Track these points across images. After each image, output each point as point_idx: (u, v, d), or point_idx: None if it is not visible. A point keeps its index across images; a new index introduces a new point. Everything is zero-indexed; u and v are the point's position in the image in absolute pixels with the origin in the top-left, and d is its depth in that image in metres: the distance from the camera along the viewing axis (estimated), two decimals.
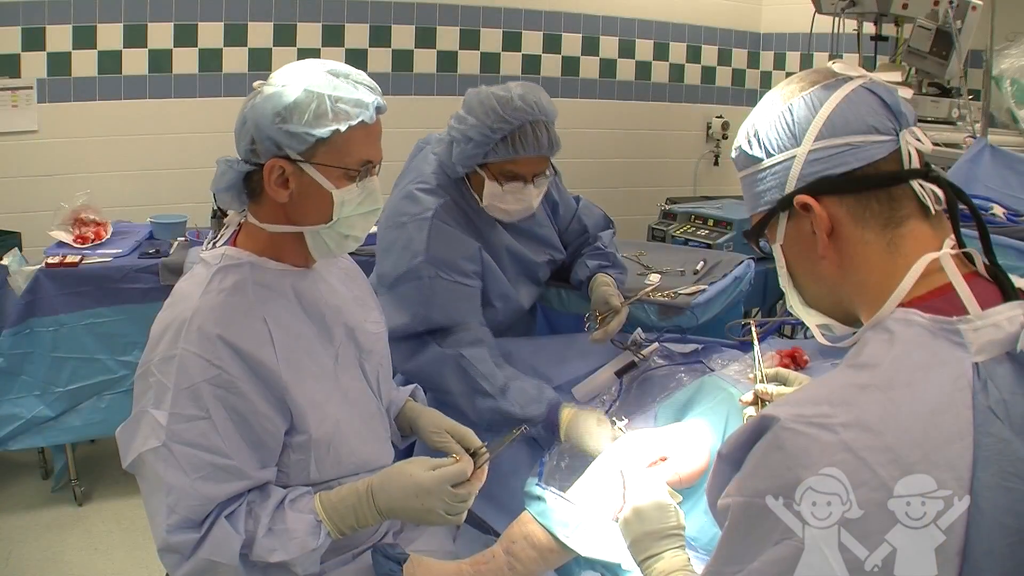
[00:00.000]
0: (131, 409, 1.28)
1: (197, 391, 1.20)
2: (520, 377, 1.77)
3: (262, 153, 1.26)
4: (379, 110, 1.29)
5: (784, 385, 1.37)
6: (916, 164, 0.89)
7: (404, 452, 1.66)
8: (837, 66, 0.94)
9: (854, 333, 0.91)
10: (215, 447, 1.21)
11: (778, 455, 0.76)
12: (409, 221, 1.84)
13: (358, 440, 1.39)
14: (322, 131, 1.23)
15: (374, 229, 1.52)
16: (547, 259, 2.08)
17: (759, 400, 1.34)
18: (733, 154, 1.00)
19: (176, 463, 1.19)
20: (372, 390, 1.47)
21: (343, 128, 1.24)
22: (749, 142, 0.96)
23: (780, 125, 0.93)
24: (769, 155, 0.93)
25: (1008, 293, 0.83)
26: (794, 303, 0.99)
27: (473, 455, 1.37)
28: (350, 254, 1.48)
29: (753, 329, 1.56)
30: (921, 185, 0.87)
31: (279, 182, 1.27)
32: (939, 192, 0.88)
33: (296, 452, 1.30)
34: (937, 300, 0.83)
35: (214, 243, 1.38)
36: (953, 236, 0.88)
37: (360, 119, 1.25)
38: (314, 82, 1.25)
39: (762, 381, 1.36)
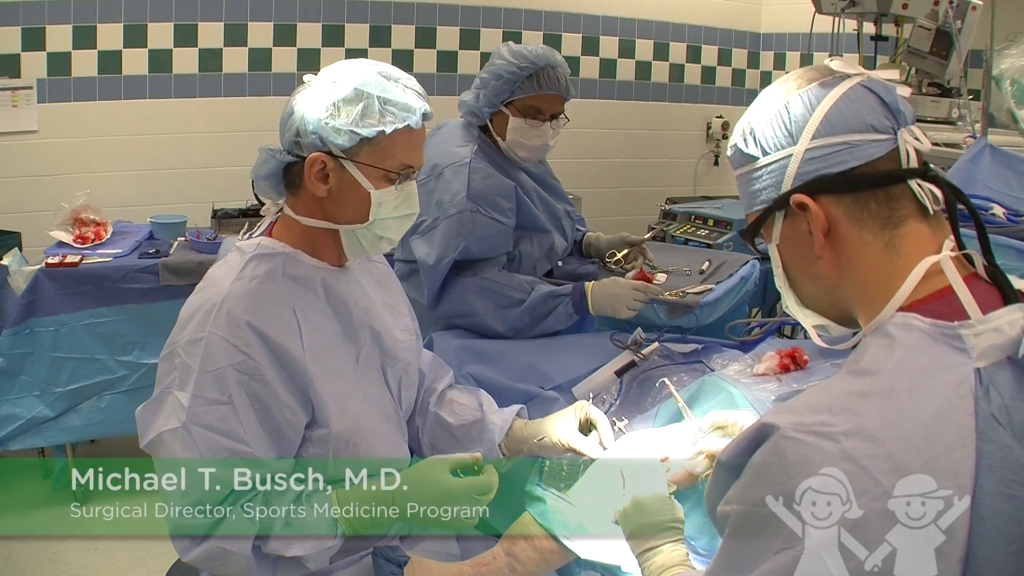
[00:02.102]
0: (132, 408, 1.28)
1: (221, 375, 1.21)
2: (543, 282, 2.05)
3: (306, 146, 1.28)
4: (425, 116, 1.31)
5: (724, 430, 1.37)
6: (915, 163, 0.88)
7: None
8: (835, 64, 0.92)
9: (852, 334, 0.90)
10: (234, 433, 1.21)
11: (779, 464, 0.75)
12: (447, 168, 2.03)
13: (376, 440, 1.39)
14: (368, 131, 1.25)
15: None
16: (564, 209, 2.27)
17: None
18: (728, 152, 0.99)
19: (193, 445, 1.20)
20: (392, 395, 1.46)
21: (388, 130, 1.26)
22: (745, 140, 0.94)
23: (777, 123, 0.91)
24: (765, 153, 0.92)
25: (1008, 295, 0.82)
26: (790, 304, 0.97)
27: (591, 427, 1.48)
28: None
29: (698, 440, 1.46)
30: (919, 185, 0.86)
31: (319, 176, 1.28)
32: (937, 192, 0.87)
33: (315, 446, 1.30)
34: (937, 303, 0.82)
35: (250, 234, 1.40)
36: (952, 237, 0.87)
37: (407, 123, 1.27)
38: (366, 81, 1.28)
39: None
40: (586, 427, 1.51)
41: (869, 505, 0.72)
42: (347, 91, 1.26)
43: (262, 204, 1.41)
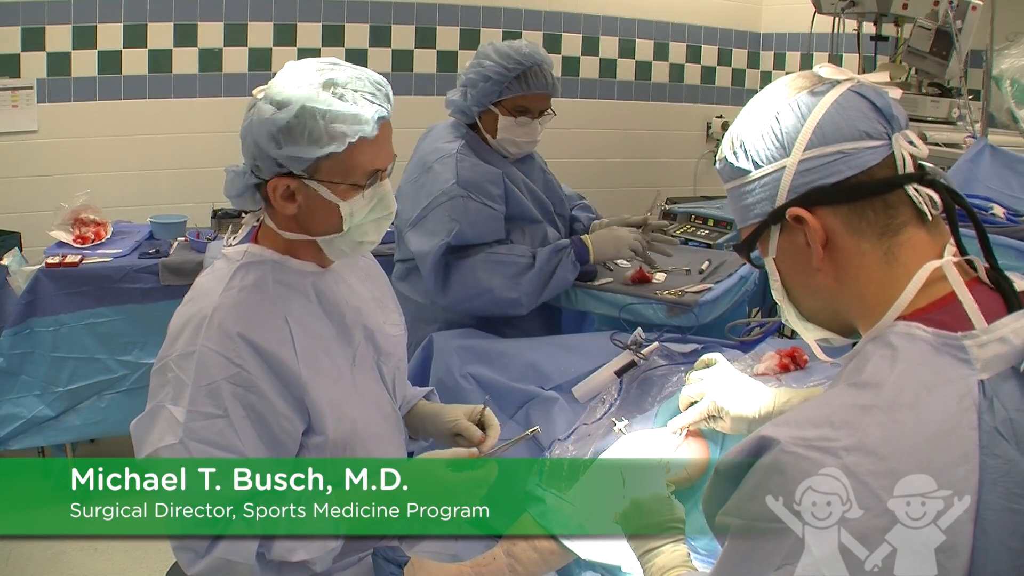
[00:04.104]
0: (132, 408, 1.29)
1: (216, 389, 1.21)
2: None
3: (264, 171, 1.26)
4: (382, 119, 1.25)
5: (717, 419, 1.39)
6: (911, 168, 0.86)
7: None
8: (824, 70, 0.91)
9: (853, 344, 0.88)
10: (232, 446, 1.21)
11: (779, 479, 0.74)
12: (435, 162, 2.07)
13: (374, 442, 1.39)
14: (319, 152, 1.22)
15: (390, 228, 1.55)
16: (559, 200, 2.30)
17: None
18: (718, 165, 0.96)
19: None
20: (388, 392, 1.47)
21: (341, 148, 1.22)
22: (735, 153, 0.92)
23: (767, 135, 0.89)
24: (757, 166, 0.90)
25: (1011, 300, 0.81)
26: (790, 317, 0.95)
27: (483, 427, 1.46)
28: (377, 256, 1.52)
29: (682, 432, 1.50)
30: (916, 190, 0.85)
31: (285, 196, 1.27)
32: (935, 196, 0.85)
33: (312, 452, 1.30)
34: (940, 312, 0.81)
35: (235, 239, 1.40)
36: (953, 241, 0.86)
37: (359, 136, 1.22)
38: (309, 98, 1.21)
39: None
40: (480, 425, 1.51)
41: (871, 512, 0.71)
42: (290, 116, 1.21)
43: (239, 215, 1.41)
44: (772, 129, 0.89)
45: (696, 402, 1.43)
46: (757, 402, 1.35)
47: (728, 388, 1.39)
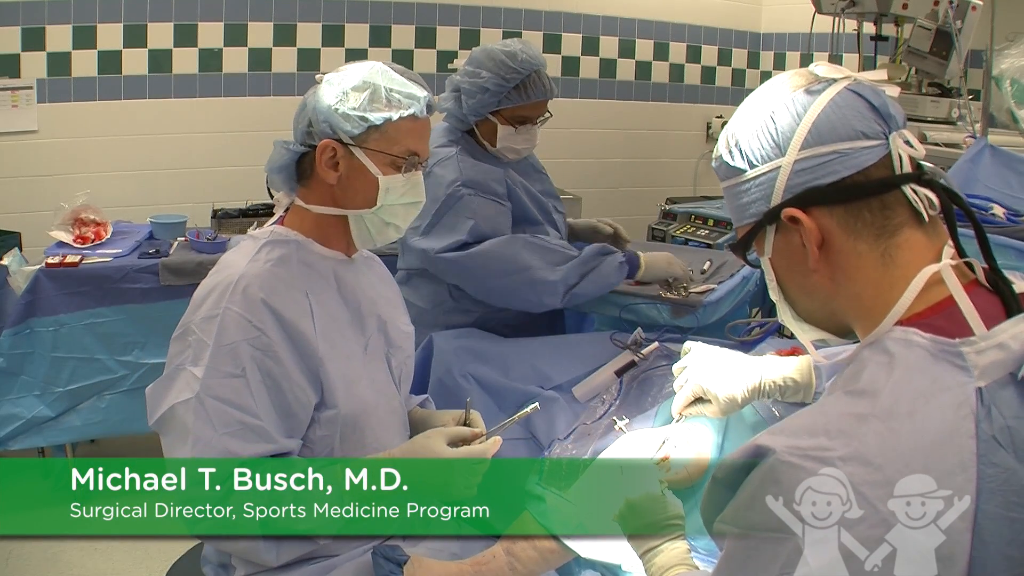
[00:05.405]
0: (133, 408, 1.30)
1: (236, 349, 1.24)
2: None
3: (317, 134, 1.34)
4: (430, 107, 1.38)
5: (703, 402, 1.40)
6: (908, 168, 0.84)
7: None
8: (820, 68, 0.89)
9: (852, 344, 0.88)
10: (246, 406, 1.24)
11: (775, 488, 0.74)
12: (434, 166, 2.02)
13: (381, 427, 1.42)
14: (375, 116, 1.32)
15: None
16: (552, 204, 2.28)
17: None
18: (714, 163, 0.95)
19: (206, 415, 1.22)
20: (395, 385, 1.50)
21: (395, 117, 1.32)
22: (730, 152, 0.91)
23: (762, 134, 0.88)
24: (752, 166, 0.88)
25: (1010, 303, 0.80)
26: (786, 317, 0.94)
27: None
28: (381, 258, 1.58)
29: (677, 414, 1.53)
30: (914, 190, 0.83)
31: (330, 163, 1.34)
32: (933, 197, 0.84)
33: (323, 427, 1.33)
34: (938, 317, 0.80)
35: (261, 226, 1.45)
36: (951, 243, 0.85)
37: (412, 111, 1.34)
38: (373, 73, 1.36)
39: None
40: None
41: (868, 522, 0.71)
42: (355, 81, 1.34)
43: (272, 198, 1.47)
44: (767, 128, 0.88)
45: (700, 397, 1.43)
46: (742, 380, 1.37)
47: (711, 370, 1.40)
